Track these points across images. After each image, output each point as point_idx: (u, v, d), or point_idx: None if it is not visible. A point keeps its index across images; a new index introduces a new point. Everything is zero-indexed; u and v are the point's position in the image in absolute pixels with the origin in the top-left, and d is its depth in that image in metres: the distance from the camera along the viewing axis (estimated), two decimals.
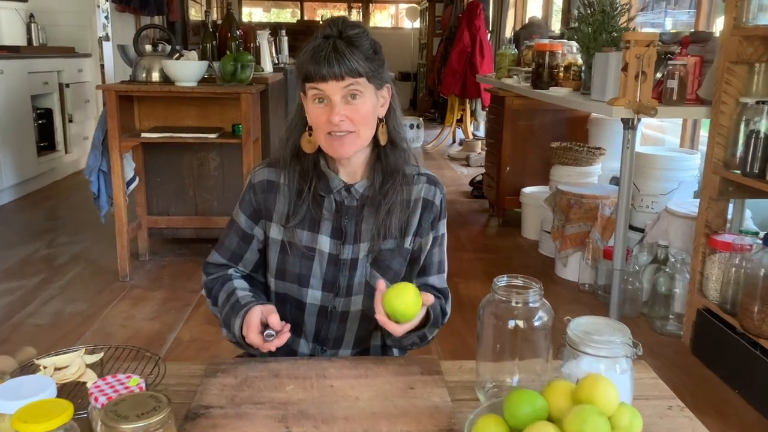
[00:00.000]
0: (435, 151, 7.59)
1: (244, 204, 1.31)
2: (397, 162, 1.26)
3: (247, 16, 12.56)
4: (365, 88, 1.18)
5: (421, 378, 1.14)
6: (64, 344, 2.52)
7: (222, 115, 3.39)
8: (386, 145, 1.26)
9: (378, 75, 1.20)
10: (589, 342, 0.98)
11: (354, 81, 1.16)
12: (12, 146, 4.66)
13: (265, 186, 1.28)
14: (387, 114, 1.26)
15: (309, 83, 1.18)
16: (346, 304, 1.30)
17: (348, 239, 1.27)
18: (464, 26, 7.00)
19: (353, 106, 1.18)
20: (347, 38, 1.16)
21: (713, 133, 2.46)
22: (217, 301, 1.28)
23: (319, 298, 1.29)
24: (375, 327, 1.34)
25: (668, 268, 2.77)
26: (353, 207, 1.27)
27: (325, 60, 1.14)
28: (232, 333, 1.22)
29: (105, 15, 6.09)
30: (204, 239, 3.66)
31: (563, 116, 4.27)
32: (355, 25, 1.19)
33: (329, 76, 1.15)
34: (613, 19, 2.91)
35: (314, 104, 1.19)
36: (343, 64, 1.14)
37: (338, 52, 1.14)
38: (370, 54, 1.18)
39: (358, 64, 1.15)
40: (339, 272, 1.28)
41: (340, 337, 1.33)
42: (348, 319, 1.31)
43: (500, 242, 4.10)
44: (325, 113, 1.18)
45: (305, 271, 1.28)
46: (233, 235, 1.32)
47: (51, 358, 1.09)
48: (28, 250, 3.72)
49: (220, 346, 2.56)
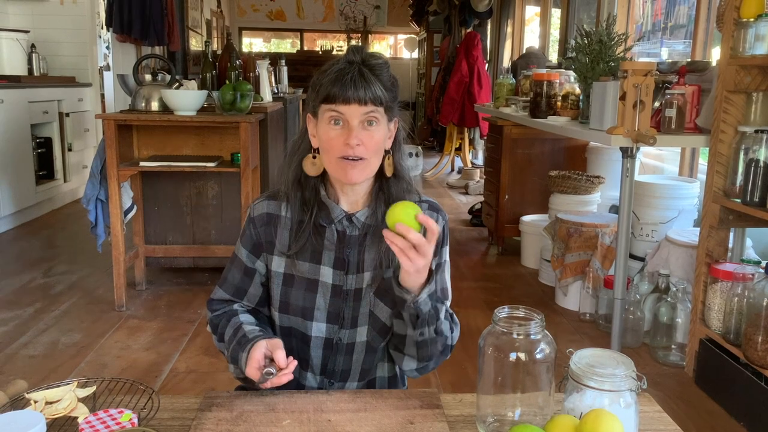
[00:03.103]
0: (434, 179, 7.61)
1: (245, 238, 1.29)
2: (400, 193, 1.26)
3: (248, 46, 12.69)
4: (381, 117, 1.19)
5: (420, 412, 1.12)
6: (58, 375, 2.49)
7: (221, 144, 3.39)
8: (390, 177, 1.26)
9: (393, 107, 1.22)
10: (593, 375, 0.96)
11: (374, 108, 1.17)
12: (11, 175, 4.66)
13: (265, 219, 1.27)
14: (392, 146, 1.26)
15: (328, 104, 1.17)
16: (352, 336, 1.28)
17: (351, 269, 1.25)
18: (462, 56, 7.07)
19: (369, 132, 1.17)
20: (370, 66, 1.17)
21: (712, 162, 2.46)
22: (224, 337, 1.26)
23: (324, 331, 1.27)
24: (381, 358, 1.32)
25: (670, 298, 2.75)
26: (355, 236, 1.25)
27: (351, 83, 1.14)
28: (239, 368, 1.19)
29: (106, 45, 6.16)
30: (201, 268, 3.65)
31: (561, 145, 4.28)
32: (377, 55, 1.21)
33: (353, 99, 1.15)
34: (610, 48, 2.94)
35: (329, 126, 1.18)
36: (368, 90, 1.15)
37: (364, 77, 1.15)
38: (389, 85, 1.19)
39: (382, 93, 1.17)
40: (343, 303, 1.26)
41: (347, 369, 1.30)
42: (354, 351, 1.29)
43: (500, 271, 4.07)
44: (341, 136, 1.17)
45: (309, 304, 1.26)
46: (236, 270, 1.30)
47: (42, 392, 1.07)
48: (25, 279, 3.69)
49: (217, 378, 2.53)
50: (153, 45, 6.25)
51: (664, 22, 4.41)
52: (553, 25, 6.24)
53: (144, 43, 6.20)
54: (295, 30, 12.36)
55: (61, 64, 5.80)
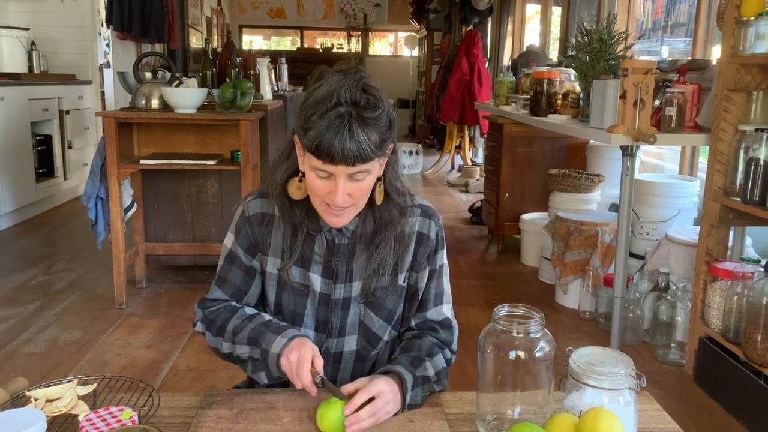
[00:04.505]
0: (434, 177, 7.61)
1: (241, 238, 1.25)
2: (392, 213, 1.21)
3: (248, 44, 12.67)
4: (372, 165, 1.10)
5: (420, 410, 1.12)
6: (59, 373, 2.49)
7: (221, 141, 3.39)
8: (382, 203, 1.20)
9: (386, 146, 1.12)
10: (592, 374, 0.96)
11: (363, 167, 1.08)
12: (11, 172, 4.66)
13: (260, 219, 1.23)
14: (385, 169, 1.18)
15: (314, 157, 1.07)
16: (340, 345, 1.26)
17: (339, 278, 1.23)
18: (463, 54, 7.07)
19: (357, 184, 1.10)
20: (365, 120, 1.06)
21: (712, 161, 2.46)
22: (224, 329, 1.22)
23: (313, 338, 1.25)
24: (371, 367, 1.31)
25: (669, 296, 2.75)
26: (344, 245, 1.22)
27: (338, 145, 1.04)
28: (262, 350, 1.15)
29: (106, 42, 6.15)
30: (202, 266, 3.65)
31: (561, 143, 4.28)
32: (374, 102, 1.08)
33: (340, 161, 1.05)
34: (610, 47, 2.93)
35: (315, 174, 1.10)
36: (356, 152, 1.04)
37: (353, 137, 1.04)
38: (385, 130, 1.09)
39: (371, 150, 1.06)
40: (331, 312, 1.24)
41: (334, 378, 1.28)
42: (342, 360, 1.28)
43: (500, 269, 4.08)
44: (326, 187, 1.10)
45: (300, 310, 1.24)
46: (237, 269, 1.26)
47: (42, 389, 1.07)
48: (25, 276, 3.69)
49: (217, 376, 2.53)
50: (153, 42, 6.25)
51: (665, 21, 4.41)
52: (554, 23, 6.24)
53: (144, 41, 6.20)
54: (295, 28, 12.34)
55: (61, 62, 5.79)
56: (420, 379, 1.14)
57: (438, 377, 1.19)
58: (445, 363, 1.24)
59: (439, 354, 1.23)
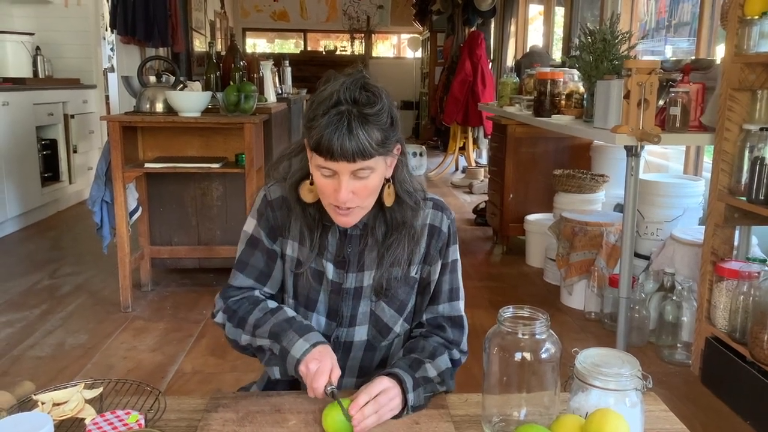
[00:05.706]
0: (438, 178, 7.61)
1: (263, 221, 1.26)
2: (405, 215, 1.22)
3: (251, 47, 12.70)
4: (375, 163, 1.11)
5: (426, 412, 1.12)
6: (65, 377, 2.50)
7: (225, 144, 3.40)
8: (393, 204, 1.21)
9: (390, 144, 1.13)
10: (598, 375, 0.96)
11: (364, 164, 1.09)
12: (16, 177, 4.68)
13: (281, 202, 1.25)
14: (395, 171, 1.19)
15: (317, 155, 1.10)
16: (350, 335, 1.27)
17: (351, 268, 1.25)
18: (466, 55, 7.07)
19: (361, 182, 1.11)
20: (364, 117, 1.07)
21: (717, 160, 2.45)
22: (245, 321, 1.22)
23: (323, 326, 1.27)
24: (381, 360, 1.32)
25: (675, 296, 2.74)
26: (356, 235, 1.24)
27: (338, 140, 1.05)
28: (282, 347, 1.15)
29: (110, 47, 6.17)
30: (207, 269, 3.65)
31: (565, 144, 4.27)
32: (374, 99, 1.09)
33: (340, 158, 1.07)
34: (614, 47, 2.93)
35: (319, 173, 1.12)
36: (356, 148, 1.06)
37: (352, 133, 1.06)
38: (386, 127, 1.10)
39: (372, 147, 1.07)
40: (342, 301, 1.26)
41: (343, 366, 1.27)
42: (352, 349, 1.29)
43: (505, 270, 4.07)
44: (331, 185, 1.12)
45: (314, 295, 1.26)
46: (259, 253, 1.27)
47: (49, 393, 1.07)
48: (31, 280, 3.71)
49: (223, 379, 2.53)
50: (157, 46, 6.26)
51: (668, 20, 4.40)
52: (557, 23, 6.24)
53: (148, 45, 6.21)
54: (298, 30, 12.37)
55: (66, 66, 5.82)
56: (421, 380, 1.14)
57: (442, 378, 1.19)
58: (450, 364, 1.24)
59: (444, 354, 1.24)
